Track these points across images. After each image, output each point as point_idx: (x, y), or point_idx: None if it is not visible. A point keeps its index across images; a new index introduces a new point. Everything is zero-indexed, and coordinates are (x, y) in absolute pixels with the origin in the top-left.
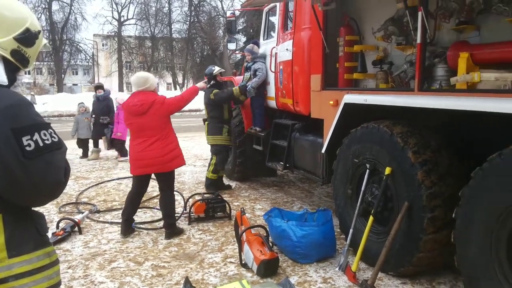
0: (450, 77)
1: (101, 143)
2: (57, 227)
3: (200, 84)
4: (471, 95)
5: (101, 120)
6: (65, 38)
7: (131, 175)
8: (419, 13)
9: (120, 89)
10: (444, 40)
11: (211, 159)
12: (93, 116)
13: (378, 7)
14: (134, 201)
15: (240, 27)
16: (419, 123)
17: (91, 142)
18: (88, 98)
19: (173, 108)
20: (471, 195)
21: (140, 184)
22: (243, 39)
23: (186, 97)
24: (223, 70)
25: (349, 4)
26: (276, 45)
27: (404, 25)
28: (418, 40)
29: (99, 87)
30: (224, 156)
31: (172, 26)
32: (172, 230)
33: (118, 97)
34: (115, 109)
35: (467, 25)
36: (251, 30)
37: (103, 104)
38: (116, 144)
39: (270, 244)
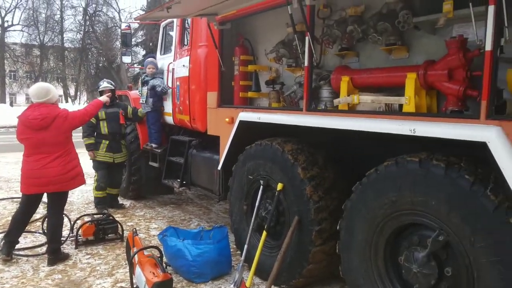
0: (334, 98)
1: None
2: None
3: (103, 98)
4: (351, 116)
5: None
6: None
7: (10, 196)
8: (306, 38)
9: (2, 100)
10: (329, 64)
11: (95, 175)
12: None
13: (270, 30)
14: (21, 222)
15: (139, 40)
16: (308, 141)
17: None
18: None
19: (77, 122)
20: (352, 208)
21: (31, 204)
22: (142, 52)
23: (90, 111)
24: (111, 87)
25: (244, 25)
26: (173, 61)
27: (293, 49)
28: (306, 63)
29: None
30: (107, 172)
31: (64, 35)
32: (56, 255)
33: None
34: None
35: (348, 51)
36: (150, 44)
37: None
38: None
39: (164, 265)
